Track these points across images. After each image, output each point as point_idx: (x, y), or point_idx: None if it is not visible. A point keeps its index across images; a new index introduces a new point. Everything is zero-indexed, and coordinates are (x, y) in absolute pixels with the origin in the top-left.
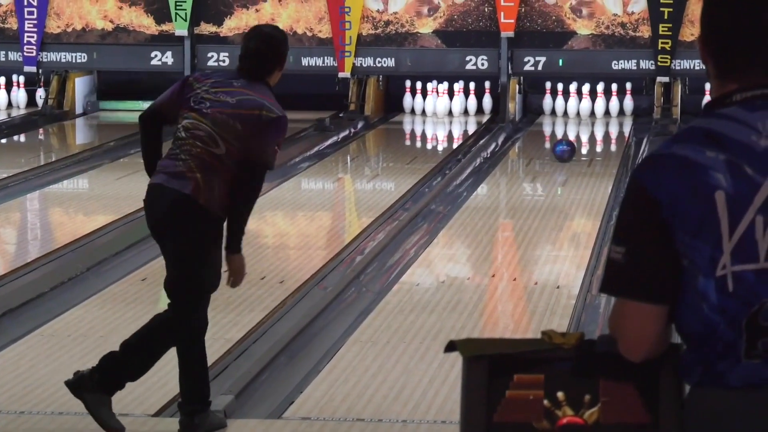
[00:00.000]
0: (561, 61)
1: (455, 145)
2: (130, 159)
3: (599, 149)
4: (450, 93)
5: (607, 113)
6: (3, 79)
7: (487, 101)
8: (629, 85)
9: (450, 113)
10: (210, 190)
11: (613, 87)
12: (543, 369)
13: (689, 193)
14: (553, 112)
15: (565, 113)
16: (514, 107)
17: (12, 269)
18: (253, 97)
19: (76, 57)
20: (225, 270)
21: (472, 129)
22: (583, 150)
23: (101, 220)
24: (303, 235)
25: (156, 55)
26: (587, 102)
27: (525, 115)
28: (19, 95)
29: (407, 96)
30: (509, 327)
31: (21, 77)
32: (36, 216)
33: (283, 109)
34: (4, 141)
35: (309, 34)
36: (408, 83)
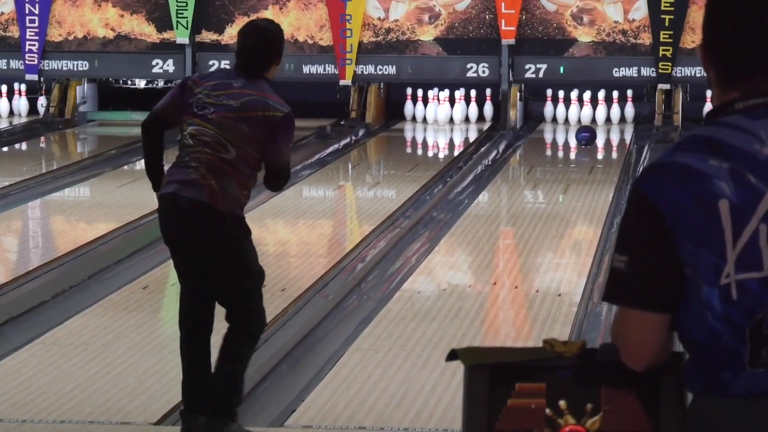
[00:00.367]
0: (562, 69)
1: (456, 153)
2: (131, 167)
3: (600, 156)
4: (451, 100)
5: (608, 120)
6: (4, 87)
7: (488, 109)
8: (630, 93)
9: (451, 121)
10: (225, 194)
11: (614, 94)
12: (545, 377)
13: (692, 202)
14: (554, 119)
15: (566, 120)
16: (515, 115)
17: (13, 277)
18: (256, 97)
19: (77, 65)
20: None
21: (473, 136)
22: (584, 158)
23: (103, 228)
24: (304, 243)
25: (157, 63)
26: (588, 109)
27: (526, 123)
28: (21, 103)
29: (408, 103)
30: (510, 335)
31: (22, 85)
32: (37, 224)
33: (286, 103)
34: (5, 149)
35: (310, 41)
36: (409, 91)
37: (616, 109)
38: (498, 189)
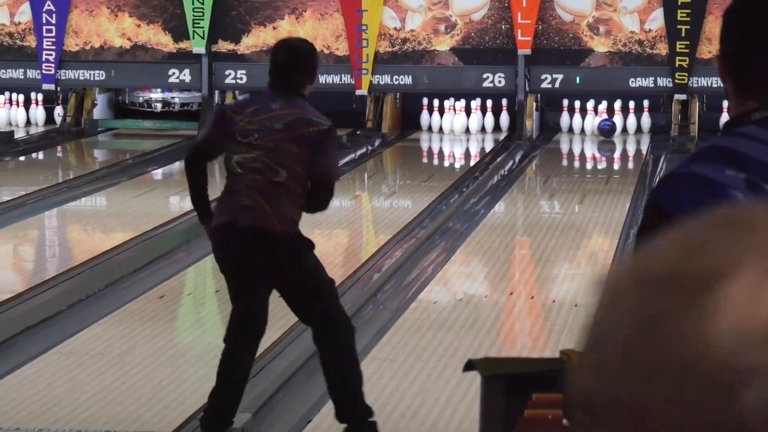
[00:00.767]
0: (578, 79)
1: (472, 163)
2: (148, 176)
3: (617, 166)
4: (467, 110)
5: (625, 130)
6: (22, 97)
7: (504, 119)
8: (646, 103)
9: (467, 131)
10: (281, 216)
11: (631, 104)
12: (562, 388)
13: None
14: (571, 129)
15: (582, 131)
16: (531, 125)
17: (30, 287)
18: (298, 116)
19: (94, 75)
20: None
21: (489, 146)
22: (600, 167)
23: (119, 237)
24: (320, 253)
25: (174, 73)
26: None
27: (542, 133)
28: (38, 113)
29: (424, 113)
30: (527, 345)
31: (39, 95)
32: (54, 233)
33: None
34: (22, 158)
35: (326, 51)
36: (425, 101)
37: (632, 120)
38: (514, 199)
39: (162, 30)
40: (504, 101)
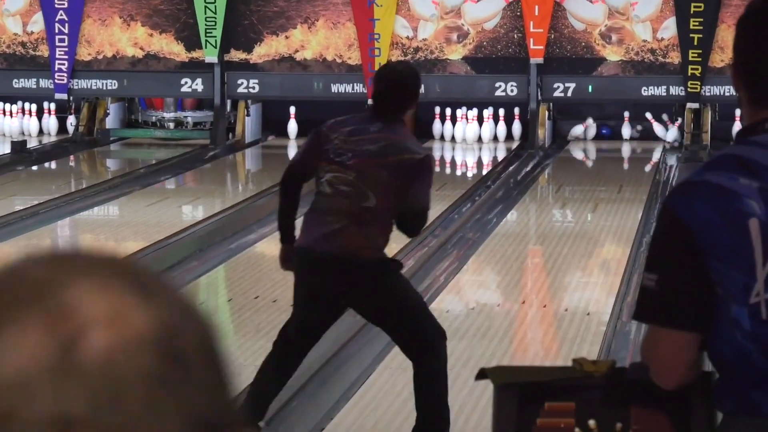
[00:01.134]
0: (590, 88)
1: (484, 172)
2: (160, 186)
3: (629, 175)
4: (479, 119)
5: (636, 139)
6: (34, 106)
7: (517, 127)
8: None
9: (479, 139)
10: (368, 242)
11: (647, 115)
12: (574, 397)
13: (722, 221)
14: (583, 138)
15: (594, 139)
16: (543, 133)
17: None
18: (394, 142)
19: (106, 84)
20: (256, 297)
21: (501, 155)
22: (613, 176)
23: (132, 246)
24: None
25: (186, 82)
26: (616, 127)
27: (554, 141)
28: (50, 122)
29: (437, 122)
30: (539, 354)
31: (52, 104)
32: (67, 243)
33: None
34: (35, 168)
35: (338, 60)
36: (437, 109)
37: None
38: (526, 208)
39: (174, 39)
40: (516, 110)
